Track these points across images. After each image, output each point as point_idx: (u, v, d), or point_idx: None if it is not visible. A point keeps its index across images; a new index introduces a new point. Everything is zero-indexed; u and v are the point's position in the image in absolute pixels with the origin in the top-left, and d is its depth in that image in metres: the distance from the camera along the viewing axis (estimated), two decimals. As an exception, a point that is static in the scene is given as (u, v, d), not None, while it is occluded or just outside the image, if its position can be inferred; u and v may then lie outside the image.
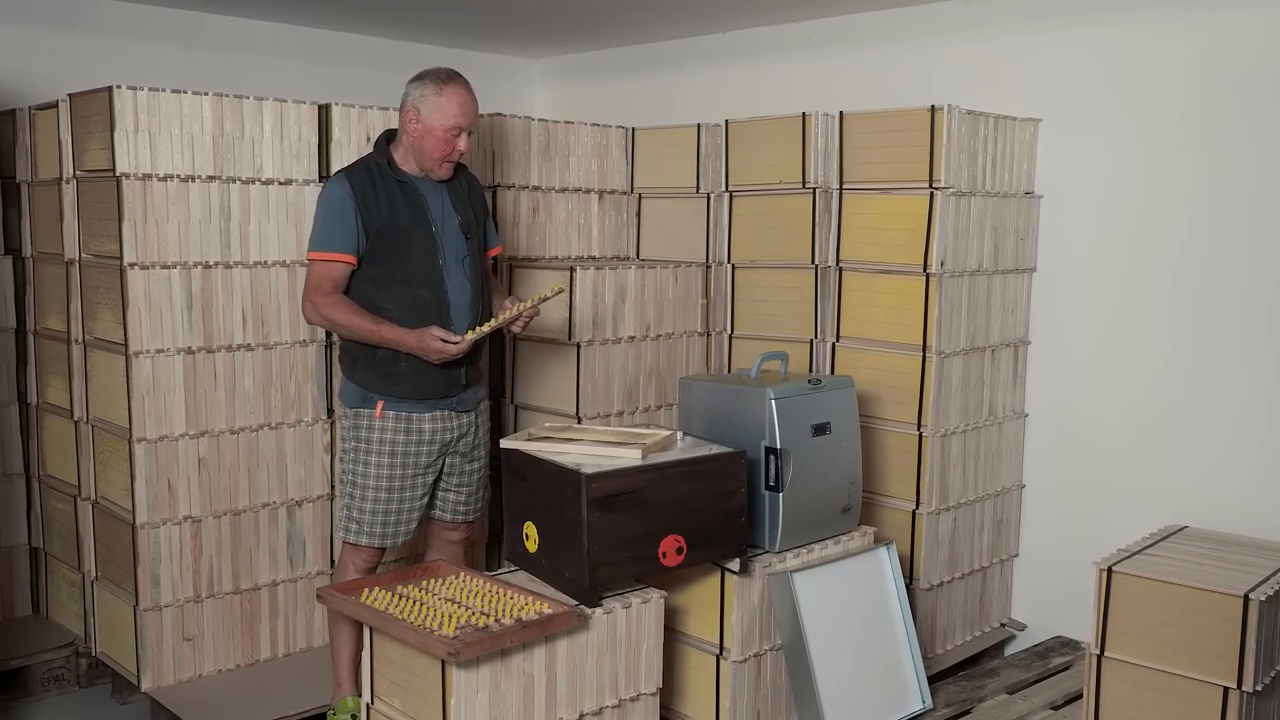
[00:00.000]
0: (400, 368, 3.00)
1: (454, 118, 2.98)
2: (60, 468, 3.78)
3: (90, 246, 3.42)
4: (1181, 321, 3.51)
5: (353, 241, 2.97)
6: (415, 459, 3.07)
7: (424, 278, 3.01)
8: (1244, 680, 2.76)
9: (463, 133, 3.00)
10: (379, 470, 3.05)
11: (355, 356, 3.07)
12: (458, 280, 3.06)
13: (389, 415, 3.03)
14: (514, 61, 5.49)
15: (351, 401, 3.10)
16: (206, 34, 4.46)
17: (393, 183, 3.02)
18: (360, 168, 3.04)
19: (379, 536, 3.09)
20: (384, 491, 3.06)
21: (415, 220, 3.02)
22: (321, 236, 2.99)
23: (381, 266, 2.99)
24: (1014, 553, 3.94)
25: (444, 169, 3.05)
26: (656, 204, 4.39)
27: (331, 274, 2.97)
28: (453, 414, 3.11)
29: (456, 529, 3.30)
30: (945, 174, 3.39)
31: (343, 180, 2.99)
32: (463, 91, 3.00)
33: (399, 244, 2.99)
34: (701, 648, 3.07)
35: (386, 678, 2.65)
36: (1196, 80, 3.44)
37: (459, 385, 3.09)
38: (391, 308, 2.99)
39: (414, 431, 3.06)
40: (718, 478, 2.87)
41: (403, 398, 3.03)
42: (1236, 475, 3.41)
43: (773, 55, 4.56)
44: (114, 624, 3.51)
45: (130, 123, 3.20)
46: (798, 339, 3.81)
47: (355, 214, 2.96)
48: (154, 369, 3.28)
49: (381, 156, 3.05)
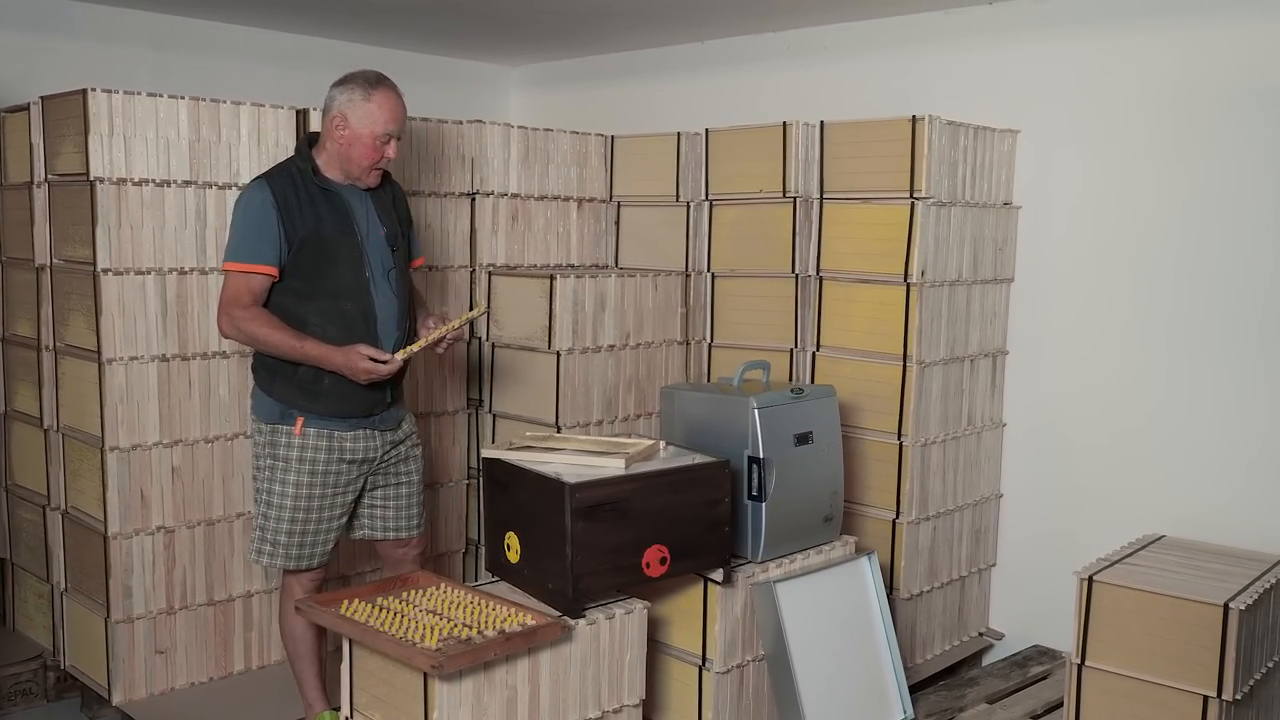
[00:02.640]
0: (323, 385, 2.88)
1: (384, 124, 2.85)
2: (29, 477, 3.71)
3: (62, 251, 3.36)
4: (1158, 331, 3.54)
5: (274, 252, 2.82)
6: (335, 477, 2.95)
7: (350, 291, 2.88)
8: (1224, 689, 2.77)
9: (392, 139, 2.88)
10: (296, 489, 2.91)
11: (273, 371, 2.92)
12: (384, 294, 2.94)
13: (309, 432, 2.90)
14: (491, 68, 5.47)
15: (269, 417, 2.94)
16: (180, 38, 4.40)
17: (316, 190, 2.88)
18: (282, 174, 2.89)
19: (295, 559, 2.96)
20: (300, 511, 2.92)
21: (341, 230, 2.88)
22: (240, 247, 2.83)
23: (305, 279, 2.85)
24: (992, 562, 3.96)
25: (371, 177, 2.93)
26: (636, 212, 4.37)
27: (251, 286, 2.83)
28: (376, 433, 2.99)
29: (400, 546, 3.18)
30: (926, 184, 3.40)
31: (263, 187, 2.84)
32: (393, 97, 2.88)
33: (324, 255, 2.86)
34: (684, 658, 3.05)
35: (366, 691, 2.61)
36: (1173, 93, 3.47)
37: (383, 404, 2.98)
38: (315, 321, 2.85)
39: (335, 450, 2.93)
40: (702, 487, 2.86)
41: (325, 415, 2.90)
42: (1213, 484, 3.44)
43: (752, 64, 4.57)
44: (84, 636, 3.45)
45: (105, 126, 3.15)
46: (778, 348, 3.81)
47: (277, 223, 2.81)
48: (127, 376, 3.23)
49: (305, 162, 2.91)
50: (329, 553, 3.04)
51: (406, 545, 3.20)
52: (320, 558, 3.01)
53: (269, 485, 2.95)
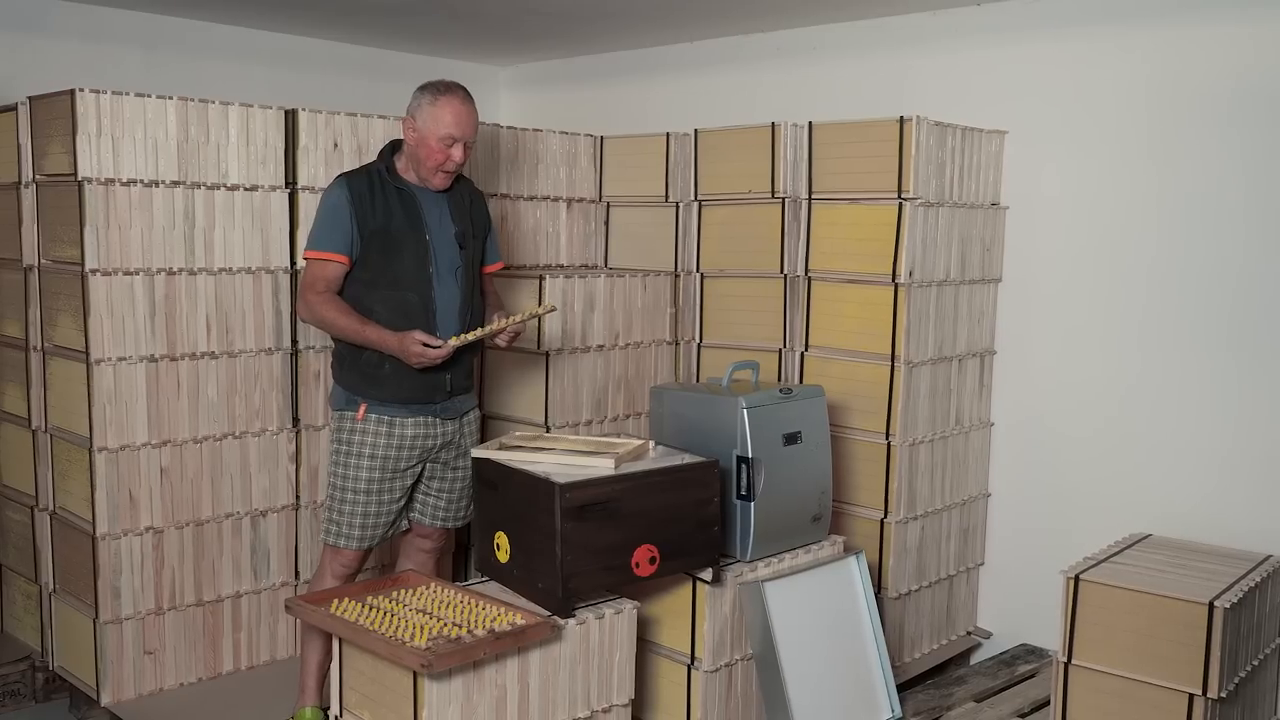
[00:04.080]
0: (384, 370, 3.01)
1: (446, 128, 2.99)
2: (17, 478, 3.70)
3: (50, 252, 3.35)
4: (1145, 331, 3.55)
5: (346, 243, 3.00)
6: (395, 463, 3.07)
7: (413, 282, 3.03)
8: (1209, 687, 2.79)
9: (456, 143, 3.02)
10: (357, 473, 3.05)
11: (343, 359, 3.10)
12: (448, 288, 3.08)
13: (370, 418, 3.04)
14: (480, 68, 5.47)
15: (337, 404, 3.11)
16: (170, 38, 4.40)
17: (391, 189, 3.05)
18: (361, 173, 3.10)
19: (356, 539, 3.08)
20: (363, 495, 3.05)
21: (410, 226, 3.04)
22: (317, 236, 3.03)
23: (372, 269, 3.02)
24: (980, 561, 3.97)
25: (439, 178, 3.07)
26: (625, 212, 4.38)
27: (325, 273, 3.00)
28: (436, 420, 3.11)
29: (430, 535, 3.28)
30: (914, 184, 3.41)
31: (342, 184, 3.04)
32: (457, 103, 3.02)
33: (391, 248, 3.02)
34: (673, 658, 3.06)
35: (356, 690, 2.61)
36: (1160, 94, 3.49)
37: (443, 392, 3.09)
38: (380, 310, 3.01)
39: (395, 435, 3.05)
40: (692, 487, 2.87)
41: (385, 400, 3.04)
42: (1200, 483, 3.46)
43: (741, 65, 4.58)
44: (73, 637, 3.44)
45: (93, 126, 3.15)
46: (767, 348, 3.82)
47: (350, 216, 2.99)
48: (116, 377, 3.22)
49: (383, 163, 3.10)
50: (382, 537, 3.13)
51: (432, 535, 3.28)
52: (380, 539, 3.13)
53: (337, 469, 3.09)
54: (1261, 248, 3.32)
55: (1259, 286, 3.33)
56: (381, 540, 3.15)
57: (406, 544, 3.33)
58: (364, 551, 3.13)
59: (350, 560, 3.13)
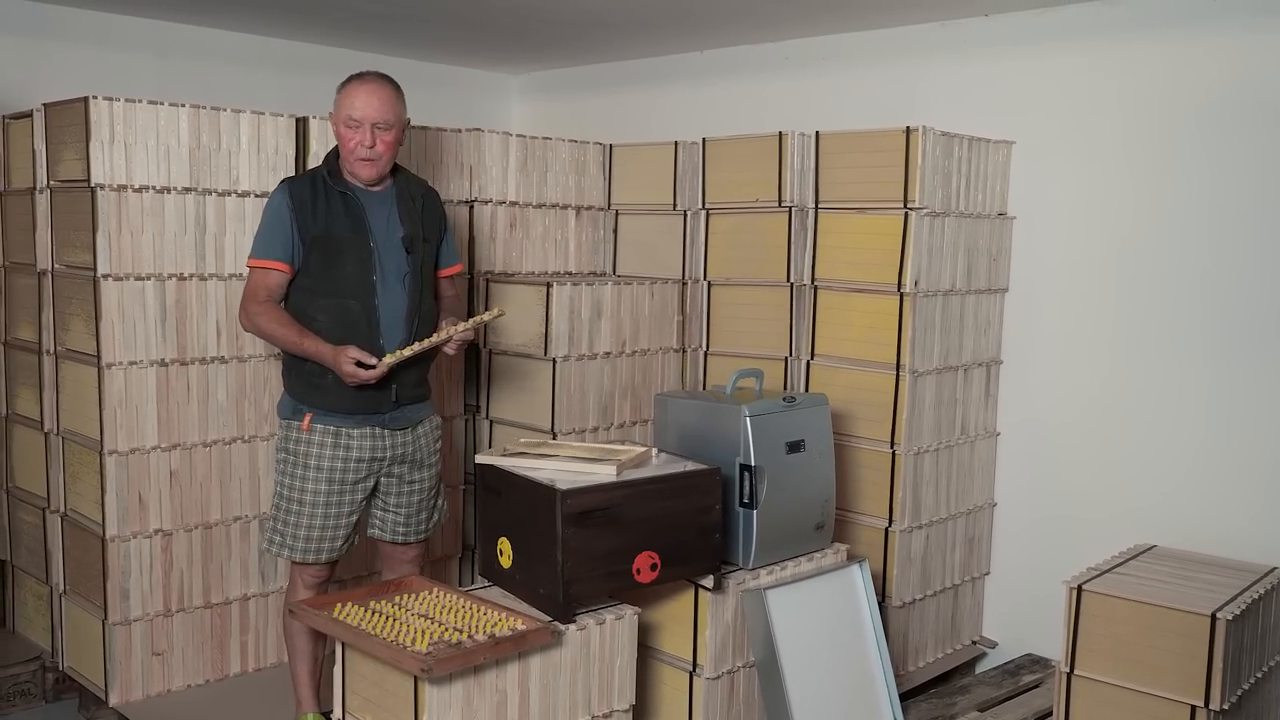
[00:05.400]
0: (327, 380, 2.94)
1: (348, 109, 2.89)
2: (29, 480, 3.74)
3: (63, 257, 3.40)
4: (1151, 342, 3.55)
5: (287, 250, 2.93)
6: (343, 475, 2.99)
7: (355, 290, 2.95)
8: (1211, 699, 2.79)
9: (361, 126, 2.89)
10: (304, 484, 2.98)
11: (289, 367, 3.03)
12: (394, 294, 2.99)
13: (316, 429, 2.97)
14: (493, 76, 5.51)
15: (284, 413, 3.05)
16: (182, 45, 4.44)
17: (334, 193, 2.97)
18: (304, 177, 3.02)
19: (302, 552, 3.01)
20: (309, 506, 2.98)
21: (353, 230, 2.96)
22: (259, 244, 2.96)
23: (314, 276, 2.95)
24: (985, 570, 3.97)
25: (359, 167, 2.94)
26: (634, 220, 4.40)
27: (267, 282, 2.94)
28: (385, 431, 3.02)
29: (403, 549, 3.20)
30: (919, 194, 3.42)
31: (284, 189, 2.96)
32: (364, 85, 2.92)
33: (333, 254, 2.94)
34: (675, 664, 3.07)
35: (358, 694, 2.63)
36: (1167, 105, 3.49)
37: (389, 403, 3.00)
38: (321, 319, 2.93)
39: (342, 446, 2.98)
40: (693, 494, 2.88)
41: (331, 410, 2.97)
42: (1205, 495, 3.45)
43: (751, 74, 4.60)
44: (82, 638, 3.48)
45: (106, 133, 3.19)
46: (773, 356, 3.83)
47: (291, 222, 2.92)
48: (126, 381, 3.26)
49: (327, 166, 3.02)
50: (339, 549, 3.06)
51: (406, 549, 3.22)
52: (329, 554, 3.04)
53: (281, 479, 3.03)
54: (1267, 258, 3.32)
55: (1265, 297, 3.33)
56: (339, 554, 3.06)
57: (386, 558, 3.27)
58: (327, 563, 3.07)
59: (319, 571, 3.07)
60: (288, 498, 3.01)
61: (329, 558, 3.05)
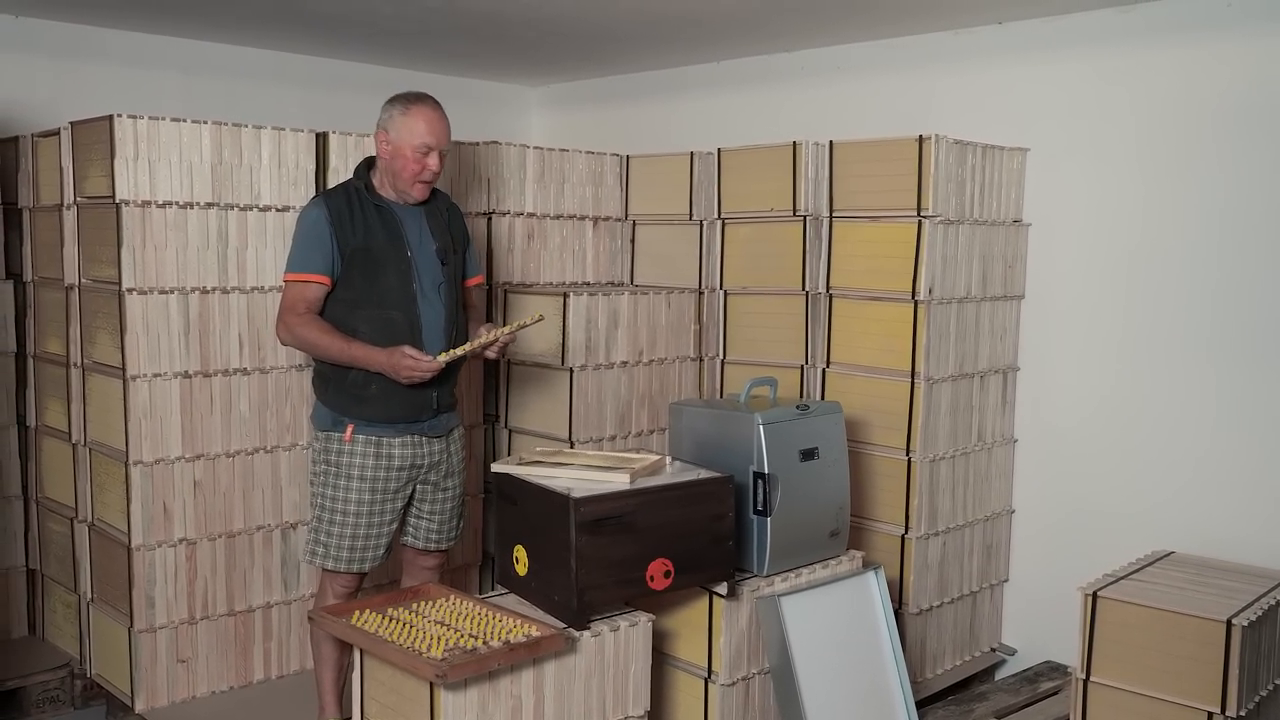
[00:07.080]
0: (371, 390, 3.00)
1: (420, 136, 2.97)
2: (58, 490, 3.81)
3: (90, 272, 3.47)
4: (1168, 348, 3.55)
5: (327, 263, 2.98)
6: (385, 484, 3.06)
7: (397, 301, 3.02)
8: (1227, 705, 2.78)
9: (431, 151, 3.00)
10: (347, 494, 3.04)
11: (327, 379, 3.07)
12: (432, 305, 3.07)
13: (358, 439, 3.03)
14: (511, 88, 5.56)
15: (323, 425, 3.09)
16: (208, 62, 4.52)
17: (370, 207, 3.03)
18: (339, 192, 3.08)
19: (345, 561, 3.07)
20: (353, 516, 3.05)
21: (390, 244, 3.02)
22: (296, 258, 3.01)
23: (355, 289, 3.01)
24: (1004, 577, 3.97)
25: (417, 189, 3.05)
26: (650, 230, 4.43)
27: (305, 295, 3.00)
28: (423, 439, 3.11)
29: (429, 556, 3.29)
30: (933, 202, 3.44)
31: (320, 204, 3.02)
32: (429, 110, 3.00)
33: (373, 267, 3.00)
34: (689, 671, 3.09)
35: (376, 700, 2.67)
36: (1181, 110, 3.49)
37: (430, 410, 3.09)
38: (364, 330, 2.99)
39: (384, 456, 3.05)
40: (706, 502, 2.90)
41: (372, 420, 3.03)
42: (1222, 501, 3.44)
43: (765, 84, 4.63)
44: (109, 645, 3.54)
45: (130, 150, 3.25)
46: (789, 364, 3.85)
47: (330, 236, 2.97)
48: (151, 392, 3.32)
49: (360, 181, 3.08)
50: (380, 557, 3.12)
51: (431, 556, 3.29)
52: (371, 562, 3.11)
53: (324, 490, 3.08)
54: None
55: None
56: (379, 561, 3.13)
57: (408, 564, 3.33)
58: (361, 573, 3.13)
59: (349, 581, 3.13)
60: (329, 509, 3.07)
61: (371, 566, 3.12)
